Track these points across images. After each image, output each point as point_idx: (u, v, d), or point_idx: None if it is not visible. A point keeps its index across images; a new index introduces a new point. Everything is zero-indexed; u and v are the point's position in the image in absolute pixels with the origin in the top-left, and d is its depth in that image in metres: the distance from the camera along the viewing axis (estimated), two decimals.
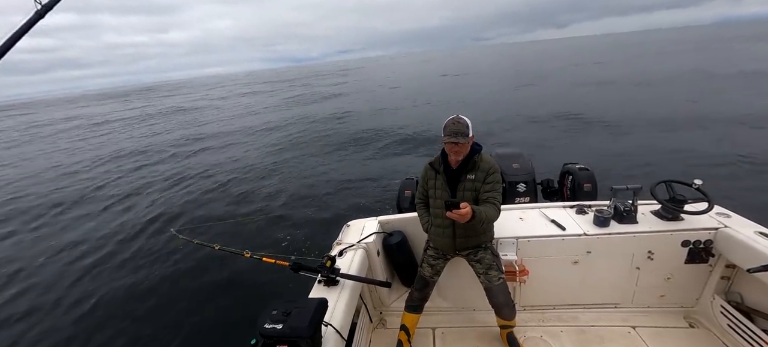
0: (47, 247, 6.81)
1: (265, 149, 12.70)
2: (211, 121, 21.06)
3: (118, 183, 10.49)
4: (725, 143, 7.74)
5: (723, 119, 9.62)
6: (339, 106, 21.09)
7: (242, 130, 16.75)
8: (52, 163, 13.94)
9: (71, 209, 8.90)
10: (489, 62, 53.54)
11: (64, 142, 19.08)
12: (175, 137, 16.77)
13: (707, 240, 2.20)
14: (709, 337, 2.23)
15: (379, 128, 13.37)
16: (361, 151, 10.84)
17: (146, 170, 11.59)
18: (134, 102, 48.44)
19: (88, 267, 5.94)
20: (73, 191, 10.01)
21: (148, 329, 4.17)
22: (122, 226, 7.47)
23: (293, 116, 19.26)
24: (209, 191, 8.88)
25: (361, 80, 42.22)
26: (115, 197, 9.29)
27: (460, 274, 2.46)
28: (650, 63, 28.81)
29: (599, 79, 21.35)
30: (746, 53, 29.08)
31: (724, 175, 6.18)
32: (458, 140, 1.89)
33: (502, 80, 27.47)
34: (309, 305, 1.60)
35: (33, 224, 8.05)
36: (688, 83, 16.45)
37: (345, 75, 57.21)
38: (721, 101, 11.87)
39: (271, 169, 10.23)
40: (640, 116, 11.01)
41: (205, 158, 12.31)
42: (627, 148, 8.20)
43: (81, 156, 14.61)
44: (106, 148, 15.74)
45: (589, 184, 3.65)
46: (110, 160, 13.29)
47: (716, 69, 20.31)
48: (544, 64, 37.32)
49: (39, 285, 5.48)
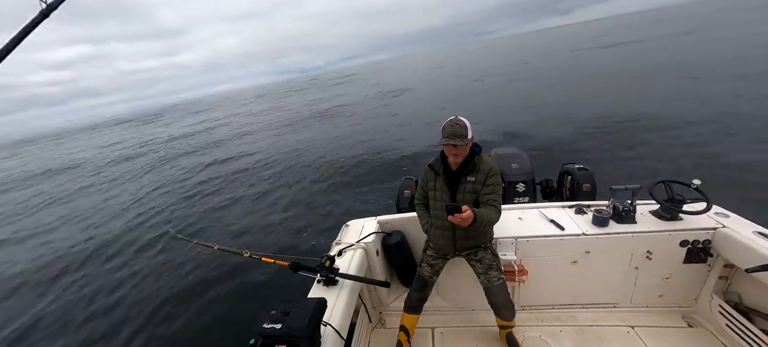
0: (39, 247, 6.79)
1: (265, 148, 12.69)
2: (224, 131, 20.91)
3: (121, 185, 10.48)
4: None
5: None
6: (340, 111, 21.00)
7: (246, 133, 16.74)
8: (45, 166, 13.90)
9: (66, 205, 8.90)
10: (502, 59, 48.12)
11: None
12: (180, 145, 16.77)
13: (706, 240, 2.20)
14: (708, 337, 2.23)
15: (379, 129, 13.37)
16: (361, 151, 10.84)
17: (154, 172, 11.58)
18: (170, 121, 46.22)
19: (86, 265, 5.94)
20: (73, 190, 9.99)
21: (146, 328, 4.17)
22: (120, 225, 7.47)
23: (303, 118, 19.22)
24: (209, 192, 8.87)
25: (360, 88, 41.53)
26: (115, 198, 9.28)
27: (460, 274, 2.46)
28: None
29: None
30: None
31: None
32: (456, 143, 1.87)
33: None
34: (308, 305, 1.60)
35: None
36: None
37: (347, 82, 56.37)
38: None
39: (271, 168, 10.23)
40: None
41: (207, 159, 12.29)
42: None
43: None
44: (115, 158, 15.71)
45: (588, 184, 3.64)
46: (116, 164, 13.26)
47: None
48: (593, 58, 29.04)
49: (36, 284, 5.47)
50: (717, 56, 17.53)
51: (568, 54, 35.53)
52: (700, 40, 27.41)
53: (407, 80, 36.89)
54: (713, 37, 27.25)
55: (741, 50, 17.76)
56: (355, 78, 65.92)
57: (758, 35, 22.50)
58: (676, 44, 27.00)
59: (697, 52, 20.72)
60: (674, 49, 24.48)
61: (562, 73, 22.42)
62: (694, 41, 26.88)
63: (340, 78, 79.93)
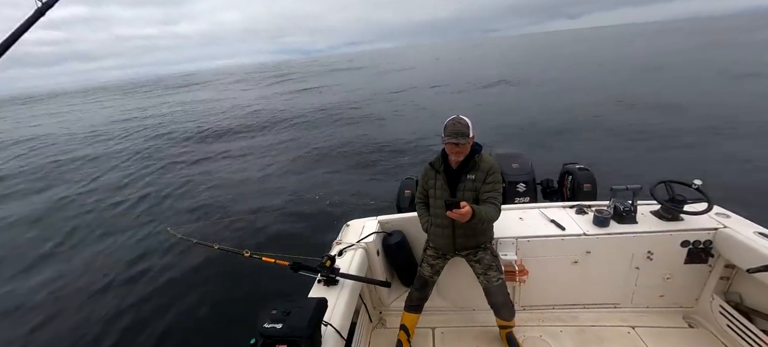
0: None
1: (265, 148, 12.69)
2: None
3: (116, 179, 10.48)
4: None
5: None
6: (345, 105, 20.87)
7: (244, 126, 16.75)
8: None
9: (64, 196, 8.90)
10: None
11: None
12: (176, 131, 16.78)
13: (707, 241, 2.20)
14: (708, 337, 2.23)
15: (380, 130, 13.37)
16: (361, 151, 10.84)
17: (146, 166, 11.58)
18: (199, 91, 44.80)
19: (84, 264, 5.93)
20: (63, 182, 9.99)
21: (145, 328, 4.17)
22: (118, 222, 7.46)
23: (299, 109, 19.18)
24: (208, 190, 8.88)
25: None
26: (113, 193, 9.29)
27: (460, 274, 2.46)
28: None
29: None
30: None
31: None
32: (459, 141, 1.88)
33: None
34: (308, 304, 1.60)
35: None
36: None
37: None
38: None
39: (270, 167, 10.23)
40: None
41: (205, 157, 12.30)
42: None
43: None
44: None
45: (589, 184, 3.65)
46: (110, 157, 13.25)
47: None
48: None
49: (30, 285, 5.47)
50: (718, 60, 17.56)
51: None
52: (704, 46, 27.32)
53: (412, 75, 36.09)
54: (716, 45, 27.12)
55: (742, 57, 17.74)
56: (355, 64, 65.25)
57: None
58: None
59: (706, 59, 20.63)
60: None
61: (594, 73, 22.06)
62: (698, 49, 26.73)
63: (342, 62, 78.91)
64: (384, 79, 33.61)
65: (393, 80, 31.50)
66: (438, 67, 43.00)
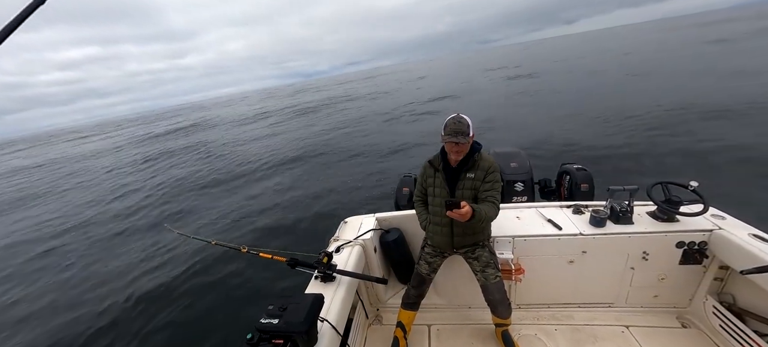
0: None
1: (265, 147, 12.66)
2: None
3: (118, 179, 10.44)
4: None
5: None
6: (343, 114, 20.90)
7: (243, 131, 16.68)
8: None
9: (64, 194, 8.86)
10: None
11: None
12: (179, 135, 16.69)
13: (702, 242, 2.21)
14: (701, 337, 2.25)
15: (379, 128, 13.35)
16: (360, 149, 10.83)
17: (148, 165, 11.53)
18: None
19: (83, 263, 5.92)
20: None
21: (142, 323, 4.17)
22: (116, 218, 7.45)
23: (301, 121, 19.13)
24: (206, 186, 8.85)
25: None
26: (113, 192, 9.25)
27: (457, 272, 2.47)
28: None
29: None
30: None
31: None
32: (459, 140, 1.88)
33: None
34: (305, 300, 1.60)
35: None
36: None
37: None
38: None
39: (269, 166, 10.21)
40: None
41: (206, 157, 12.25)
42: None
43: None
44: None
45: (586, 184, 3.65)
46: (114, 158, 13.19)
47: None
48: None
49: (28, 285, 5.45)
50: (718, 61, 17.60)
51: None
52: (704, 45, 27.34)
53: (411, 86, 35.67)
54: (718, 42, 27.15)
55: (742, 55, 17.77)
56: (353, 85, 64.91)
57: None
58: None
59: (704, 56, 20.66)
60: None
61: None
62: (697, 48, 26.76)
63: (338, 84, 78.58)
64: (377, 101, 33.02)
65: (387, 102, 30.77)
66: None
